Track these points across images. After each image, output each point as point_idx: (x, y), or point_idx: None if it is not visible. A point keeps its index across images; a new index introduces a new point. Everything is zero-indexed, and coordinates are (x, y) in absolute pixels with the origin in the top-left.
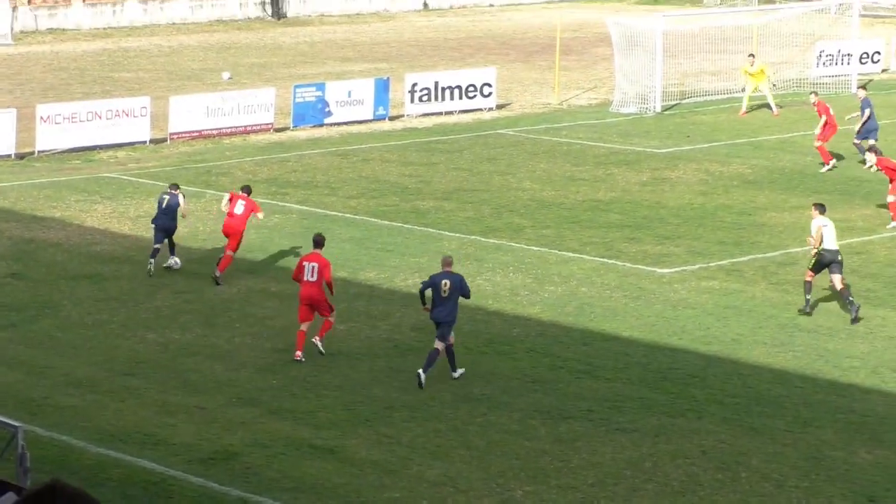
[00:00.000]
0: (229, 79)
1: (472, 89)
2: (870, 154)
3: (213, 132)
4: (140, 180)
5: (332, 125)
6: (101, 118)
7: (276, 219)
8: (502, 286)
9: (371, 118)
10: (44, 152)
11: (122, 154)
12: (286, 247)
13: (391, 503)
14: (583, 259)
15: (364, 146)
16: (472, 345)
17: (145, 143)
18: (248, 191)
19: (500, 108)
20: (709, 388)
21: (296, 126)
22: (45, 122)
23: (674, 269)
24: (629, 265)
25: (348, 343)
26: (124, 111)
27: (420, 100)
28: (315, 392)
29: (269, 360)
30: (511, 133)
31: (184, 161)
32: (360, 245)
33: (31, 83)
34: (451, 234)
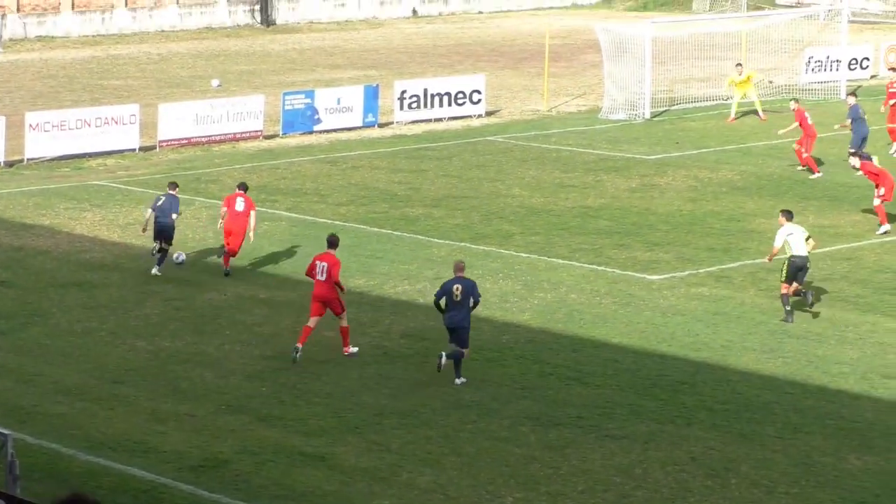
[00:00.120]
0: (218, 86)
1: (461, 96)
2: (854, 158)
3: (203, 140)
4: (129, 188)
5: (321, 132)
6: (90, 126)
7: (265, 226)
8: (492, 293)
9: (360, 125)
10: (33, 160)
11: (111, 162)
12: (275, 254)
13: None
14: (572, 266)
15: (353, 153)
16: None
17: (134, 150)
18: (245, 187)
19: (489, 114)
20: (698, 394)
21: (285, 133)
22: (34, 129)
23: (663, 276)
24: (618, 272)
25: (337, 350)
26: (113, 119)
27: (409, 107)
28: (305, 399)
29: (259, 367)
30: (500, 140)
31: (173, 168)
32: (349, 252)
33: (20, 91)
34: (441, 241)
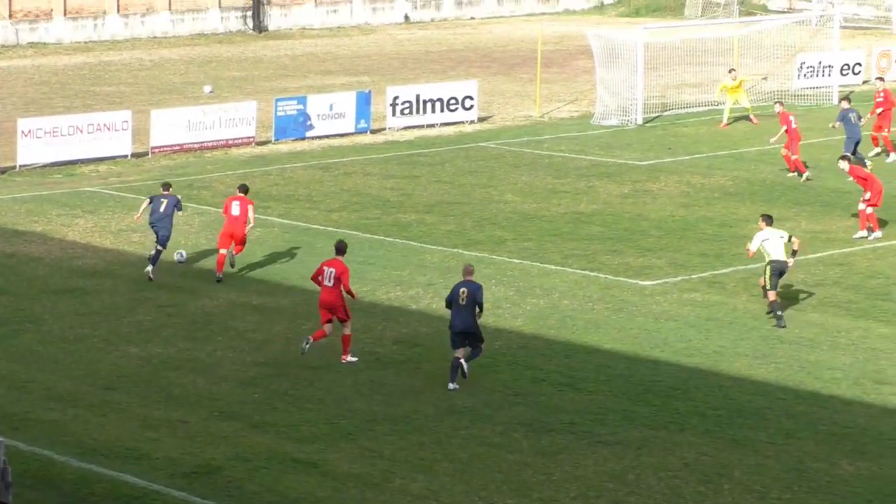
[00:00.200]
0: (211, 92)
1: (453, 102)
2: (843, 162)
3: (195, 146)
4: (121, 194)
5: (313, 138)
6: (82, 132)
7: (257, 232)
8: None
9: (353, 131)
10: (25, 166)
11: (103, 168)
12: (267, 260)
13: None
14: (565, 272)
15: (346, 159)
16: None
17: (127, 157)
18: (244, 189)
19: (481, 120)
20: (691, 400)
21: (277, 139)
22: (26, 136)
23: (655, 282)
24: (611, 277)
25: (330, 356)
26: (106, 125)
27: (402, 113)
28: (297, 405)
29: (251, 373)
30: (493, 146)
31: (165, 175)
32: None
33: (12, 97)
34: (433, 247)
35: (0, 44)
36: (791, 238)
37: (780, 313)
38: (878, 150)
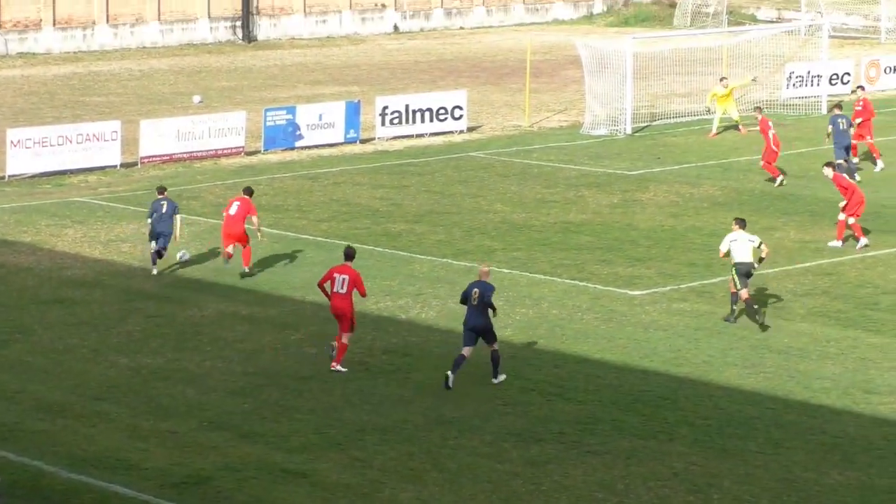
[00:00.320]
0: (200, 102)
1: (442, 112)
2: (827, 168)
3: (184, 156)
4: (111, 204)
5: (302, 148)
6: (71, 142)
7: None
8: None
9: (342, 141)
10: (14, 177)
11: (92, 178)
12: (257, 270)
13: None
14: (554, 281)
15: (335, 169)
16: (444, 367)
17: (116, 167)
18: (248, 192)
19: (470, 130)
20: (680, 409)
21: (266, 149)
22: (15, 146)
23: (645, 291)
24: (600, 287)
25: (319, 366)
26: (95, 135)
27: (391, 122)
28: (287, 416)
29: (240, 383)
30: (482, 155)
31: (155, 185)
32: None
33: (1, 107)
34: (423, 256)
35: None
36: (761, 245)
37: (756, 306)
38: (856, 160)
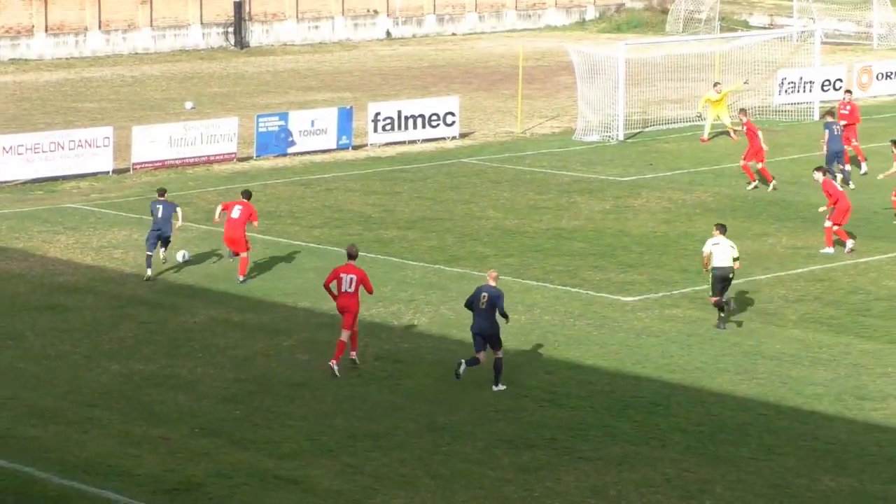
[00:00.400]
0: (192, 108)
1: (435, 118)
2: (817, 173)
3: (177, 162)
4: (103, 210)
5: (295, 155)
6: (63, 148)
7: None
8: (466, 315)
9: (334, 147)
10: (6, 183)
11: (84, 184)
12: (249, 277)
13: None
14: (546, 287)
15: (327, 175)
16: (436, 373)
17: (108, 173)
18: (247, 195)
19: (463, 136)
20: (672, 416)
21: (259, 156)
22: (7, 152)
23: (637, 297)
24: (593, 293)
25: (311, 373)
26: (87, 141)
27: (383, 129)
28: (278, 422)
29: (232, 390)
30: (474, 162)
31: (147, 191)
32: (323, 275)
33: None
34: (415, 263)
35: None
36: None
37: (722, 315)
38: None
